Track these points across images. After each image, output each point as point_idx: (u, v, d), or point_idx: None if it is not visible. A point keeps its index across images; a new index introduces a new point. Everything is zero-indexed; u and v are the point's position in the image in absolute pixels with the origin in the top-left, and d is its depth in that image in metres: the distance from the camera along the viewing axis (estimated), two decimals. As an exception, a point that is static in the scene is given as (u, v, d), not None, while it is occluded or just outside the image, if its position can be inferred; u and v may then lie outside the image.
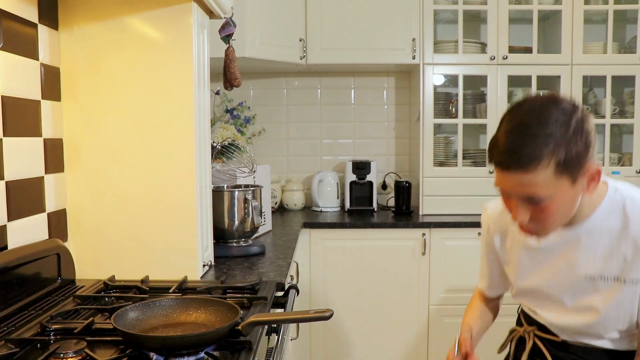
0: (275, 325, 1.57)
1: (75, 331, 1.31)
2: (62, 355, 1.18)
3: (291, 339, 2.38)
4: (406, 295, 3.21)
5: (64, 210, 1.84)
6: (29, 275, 1.56)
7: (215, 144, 2.46)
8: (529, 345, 1.41)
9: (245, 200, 2.25)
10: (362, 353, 3.26)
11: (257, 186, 2.38)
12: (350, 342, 3.25)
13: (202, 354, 1.16)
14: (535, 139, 1.10)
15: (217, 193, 2.21)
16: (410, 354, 3.24)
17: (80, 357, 1.18)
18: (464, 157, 3.41)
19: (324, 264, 3.17)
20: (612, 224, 1.26)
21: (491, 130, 3.32)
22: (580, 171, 1.13)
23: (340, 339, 3.24)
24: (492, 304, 1.65)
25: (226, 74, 2.18)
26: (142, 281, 1.73)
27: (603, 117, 3.35)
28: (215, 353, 1.18)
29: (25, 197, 1.64)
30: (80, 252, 1.86)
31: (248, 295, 1.62)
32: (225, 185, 2.41)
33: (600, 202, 1.26)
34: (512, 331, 1.54)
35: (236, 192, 2.26)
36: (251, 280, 1.77)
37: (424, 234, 3.15)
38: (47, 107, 1.74)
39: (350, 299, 3.20)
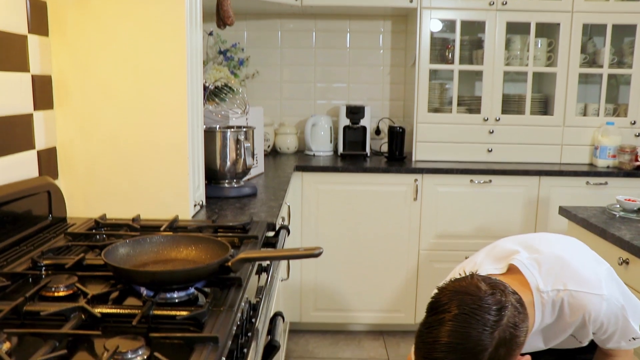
0: (265, 265, 1.59)
1: (66, 266, 1.32)
2: (53, 289, 1.19)
3: (281, 280, 2.41)
4: (397, 240, 3.24)
5: (54, 148, 1.83)
6: (20, 212, 1.55)
7: (207, 85, 2.43)
8: None
9: (238, 141, 2.24)
10: (352, 296, 3.31)
11: (250, 127, 2.36)
12: (340, 285, 3.29)
13: (192, 290, 1.17)
14: None
15: (209, 133, 2.19)
16: (399, 297, 3.30)
17: (71, 292, 1.19)
18: (458, 104, 3.39)
19: (316, 207, 3.19)
20: (549, 320, 1.28)
21: (487, 78, 3.29)
22: None
23: (330, 282, 3.29)
24: None
25: (219, 11, 2.14)
26: (133, 219, 1.73)
27: (601, 66, 3.32)
28: (206, 289, 1.19)
29: (14, 134, 1.62)
30: (71, 190, 1.85)
31: (239, 234, 1.62)
32: (218, 126, 2.39)
33: (533, 314, 1.25)
34: None
35: (228, 133, 2.24)
36: (242, 220, 1.77)
37: (416, 180, 3.16)
38: (34, 42, 1.70)
39: (341, 243, 3.23)
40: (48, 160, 1.79)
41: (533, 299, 1.21)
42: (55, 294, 1.17)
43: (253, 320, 1.21)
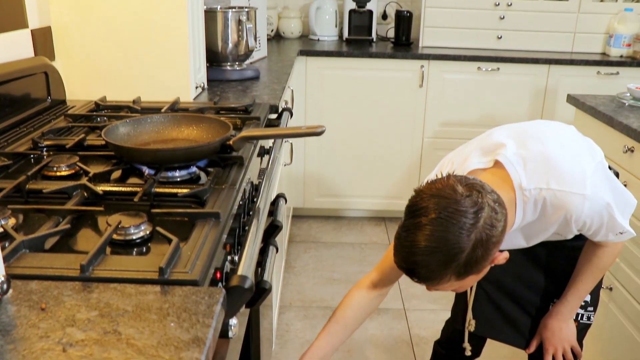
0: (267, 147, 1.57)
1: (67, 146, 1.31)
2: (55, 168, 1.18)
3: (284, 165, 2.42)
4: (401, 127, 3.21)
5: (49, 27, 1.76)
6: (17, 94, 1.52)
7: (206, -38, 2.31)
8: None
9: (239, 22, 2.16)
10: (355, 183, 3.33)
11: (252, 7, 2.27)
12: (343, 172, 3.31)
13: (193, 169, 1.17)
14: (436, 264, 1.06)
15: (209, 14, 2.12)
16: (402, 184, 3.32)
17: (73, 171, 1.18)
18: (469, -14, 3.25)
19: (320, 93, 3.14)
20: (531, 218, 1.25)
21: (500, -43, 3.13)
22: (483, 265, 1.11)
23: (333, 168, 3.30)
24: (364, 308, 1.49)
25: None
26: (134, 102, 1.71)
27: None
28: (208, 169, 1.18)
29: (3, 12, 1.55)
30: (69, 72, 1.81)
31: (241, 115, 1.60)
32: (219, 6, 2.30)
33: (514, 211, 1.22)
34: None
35: (230, 13, 2.16)
36: (244, 102, 1.75)
37: (422, 66, 3.09)
38: None
39: (345, 129, 3.21)
40: (43, 41, 1.73)
41: (515, 196, 1.21)
42: (57, 174, 1.17)
43: (255, 200, 1.21)
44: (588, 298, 1.49)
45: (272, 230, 1.44)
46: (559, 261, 1.48)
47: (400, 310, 2.61)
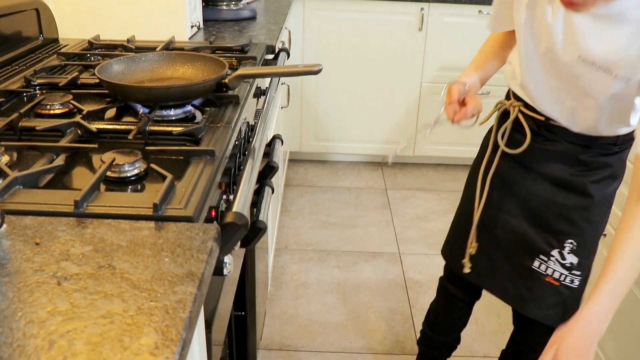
0: (263, 88, 1.55)
1: (61, 85, 1.29)
2: (48, 106, 1.16)
3: (281, 107, 2.40)
4: (400, 71, 3.17)
5: (40, -38, 1.72)
6: (8, 32, 1.49)
7: None
8: (512, 117, 1.39)
9: (235, -40, 2.11)
10: (352, 128, 3.32)
11: (248, -55, 2.21)
12: (340, 116, 3.29)
13: (188, 107, 1.15)
14: None
15: (204, -49, 2.06)
16: (399, 129, 3.31)
17: (67, 109, 1.17)
18: None
19: (317, 36, 3.09)
20: None
21: None
22: None
23: (330, 112, 3.28)
24: (500, 54, 1.47)
25: None
26: (128, 40, 1.67)
27: None
28: (204, 108, 1.17)
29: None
30: (61, 11, 1.77)
31: (237, 55, 1.57)
32: (214, -56, 2.24)
33: None
34: (498, 104, 1.52)
35: (225, -49, 2.10)
36: (241, 42, 1.71)
37: (422, 9, 3.03)
38: None
39: (343, 73, 3.17)
40: (34, -24, 1.69)
41: None
42: (51, 112, 1.15)
43: (251, 140, 1.20)
44: (574, 260, 1.32)
45: (268, 171, 1.44)
46: (549, 213, 1.34)
47: (395, 254, 2.64)
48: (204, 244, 0.71)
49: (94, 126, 1.05)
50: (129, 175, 0.89)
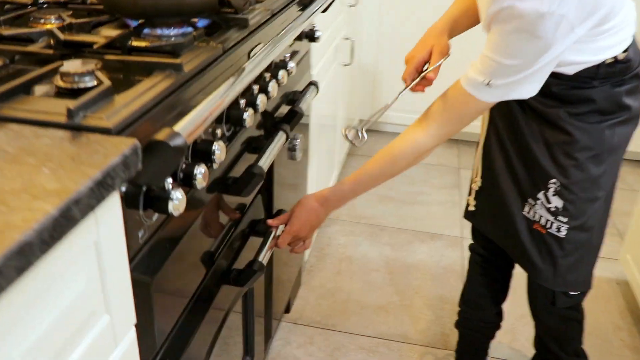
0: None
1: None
2: (42, 20, 1.05)
3: (344, 65, 2.20)
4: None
5: None
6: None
7: None
8: None
9: None
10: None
11: None
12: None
13: (189, 28, 0.99)
14: None
15: None
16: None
17: (61, 24, 1.04)
18: None
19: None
20: None
21: None
22: None
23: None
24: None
25: None
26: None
27: None
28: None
29: None
30: None
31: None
32: None
33: None
34: None
35: None
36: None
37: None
38: None
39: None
40: None
41: None
42: (45, 26, 1.03)
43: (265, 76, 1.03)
44: (559, 204, 1.21)
45: (291, 116, 1.27)
46: (536, 150, 1.23)
47: (457, 238, 2.40)
48: (106, 159, 0.55)
49: (68, 37, 0.91)
50: (80, 86, 0.74)
